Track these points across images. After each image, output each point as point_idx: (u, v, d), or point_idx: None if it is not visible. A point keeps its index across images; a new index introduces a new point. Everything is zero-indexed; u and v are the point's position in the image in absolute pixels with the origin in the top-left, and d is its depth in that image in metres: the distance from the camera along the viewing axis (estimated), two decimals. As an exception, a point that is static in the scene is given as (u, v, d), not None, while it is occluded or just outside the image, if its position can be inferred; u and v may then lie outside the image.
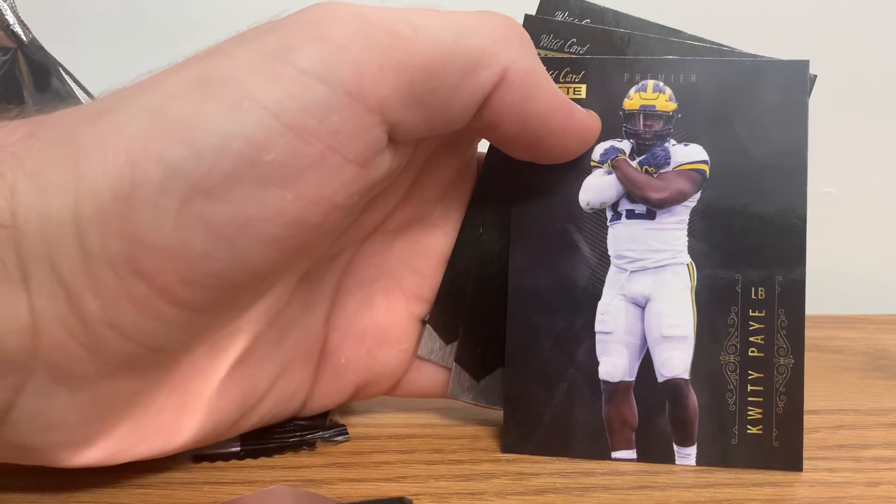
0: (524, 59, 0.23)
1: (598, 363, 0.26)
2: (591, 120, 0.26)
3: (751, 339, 0.26)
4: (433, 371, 0.28)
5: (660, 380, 0.26)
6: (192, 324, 0.22)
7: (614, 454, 0.26)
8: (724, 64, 0.26)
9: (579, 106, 0.25)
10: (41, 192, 0.19)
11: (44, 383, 0.20)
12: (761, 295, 0.26)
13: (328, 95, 0.20)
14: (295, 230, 0.21)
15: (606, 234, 0.27)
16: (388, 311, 0.28)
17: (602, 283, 0.27)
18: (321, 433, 0.27)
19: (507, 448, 0.27)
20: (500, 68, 0.23)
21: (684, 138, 0.26)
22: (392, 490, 0.24)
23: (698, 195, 0.26)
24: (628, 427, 0.26)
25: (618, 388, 0.26)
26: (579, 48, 0.27)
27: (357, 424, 0.29)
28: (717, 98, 0.26)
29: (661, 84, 0.26)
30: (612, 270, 0.27)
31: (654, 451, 0.26)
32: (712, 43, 0.27)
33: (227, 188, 0.20)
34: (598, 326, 0.26)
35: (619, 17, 0.27)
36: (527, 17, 0.27)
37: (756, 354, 0.26)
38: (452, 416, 0.30)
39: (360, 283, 0.27)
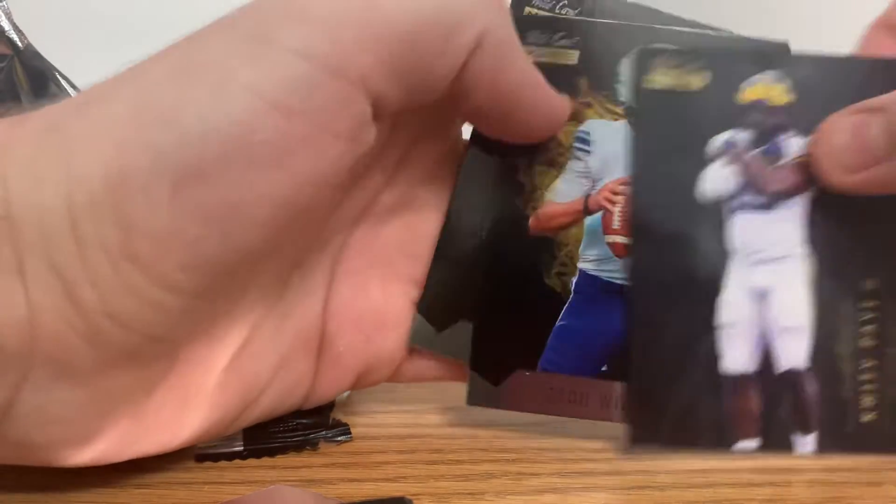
0: (501, 27, 0.23)
1: (721, 356, 0.26)
2: (560, 100, 0.26)
3: (865, 328, 0.26)
4: (434, 356, 0.28)
5: (780, 370, 0.26)
6: (190, 311, 0.22)
7: (738, 445, 0.26)
8: (839, 61, 0.26)
9: (550, 86, 0.25)
10: (34, 183, 0.19)
11: (44, 378, 0.20)
12: (875, 285, 0.26)
13: (310, 72, 0.20)
14: (287, 209, 0.21)
15: (726, 226, 0.26)
16: (384, 294, 0.28)
17: (722, 275, 0.26)
18: (324, 433, 0.27)
19: (634, 443, 0.26)
20: (476, 31, 0.23)
21: (803, 130, 0.26)
22: (392, 490, 0.24)
23: (815, 187, 0.26)
24: (751, 417, 0.26)
25: (740, 379, 0.26)
26: (570, 10, 0.27)
27: (357, 424, 0.29)
28: (835, 91, 0.26)
29: (780, 75, 0.26)
30: (731, 263, 0.26)
31: (776, 439, 0.26)
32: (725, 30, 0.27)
33: (217, 171, 0.20)
34: (719, 319, 0.26)
35: None
36: None
37: (870, 344, 0.26)
38: (452, 416, 0.30)
39: (353, 270, 0.27)
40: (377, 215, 0.27)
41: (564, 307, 0.27)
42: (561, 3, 0.27)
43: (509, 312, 0.27)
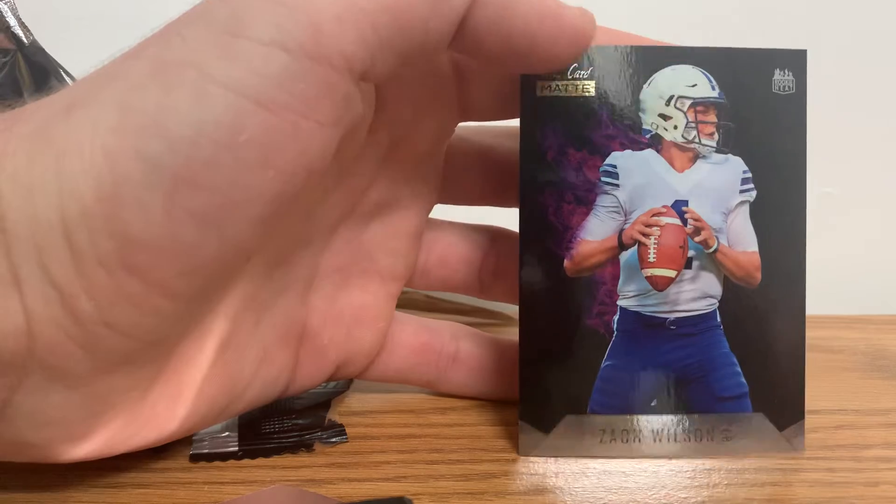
0: None
1: None
2: (584, 19, 0.24)
3: None
4: (405, 355, 0.29)
5: None
6: (185, 313, 0.22)
7: None
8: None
9: (567, 5, 0.23)
10: (26, 195, 0.19)
11: (40, 382, 0.20)
12: None
13: (290, 63, 0.20)
14: (278, 202, 0.21)
15: None
16: (364, 291, 0.28)
17: None
18: (319, 434, 0.27)
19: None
20: None
21: None
22: (392, 490, 0.24)
23: None
24: None
25: None
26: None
27: (357, 424, 0.29)
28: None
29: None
30: None
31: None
32: None
33: (208, 176, 0.19)
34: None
35: None
36: None
37: None
38: (452, 416, 0.30)
39: (336, 267, 0.28)
40: (361, 213, 0.27)
41: (608, 347, 0.26)
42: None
43: (552, 358, 0.27)
